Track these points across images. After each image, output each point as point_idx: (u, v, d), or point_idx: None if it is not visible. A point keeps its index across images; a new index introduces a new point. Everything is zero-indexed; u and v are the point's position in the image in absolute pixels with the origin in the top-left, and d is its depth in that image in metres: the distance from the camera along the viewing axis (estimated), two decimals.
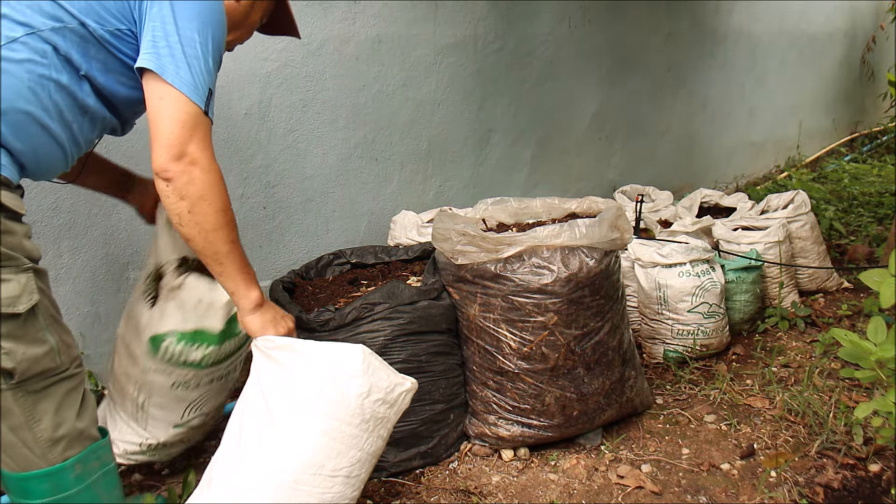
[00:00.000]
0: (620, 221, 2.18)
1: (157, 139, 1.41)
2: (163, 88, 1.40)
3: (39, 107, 1.36)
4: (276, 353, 1.61)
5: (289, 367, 1.59)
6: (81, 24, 1.39)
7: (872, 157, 6.47)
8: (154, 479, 2.15)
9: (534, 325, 2.11)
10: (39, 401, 1.37)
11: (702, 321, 2.74)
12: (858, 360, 1.69)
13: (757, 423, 2.36)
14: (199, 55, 1.43)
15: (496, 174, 3.52)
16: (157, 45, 1.40)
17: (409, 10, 2.97)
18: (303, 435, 1.54)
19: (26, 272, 1.33)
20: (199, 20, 1.43)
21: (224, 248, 1.52)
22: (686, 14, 4.57)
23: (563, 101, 3.80)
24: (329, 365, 1.58)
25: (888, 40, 7.13)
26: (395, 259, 2.52)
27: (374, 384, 1.58)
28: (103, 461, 1.50)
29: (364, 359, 1.58)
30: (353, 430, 1.57)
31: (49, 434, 1.39)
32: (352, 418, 1.56)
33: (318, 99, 2.73)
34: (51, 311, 1.41)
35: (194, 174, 1.43)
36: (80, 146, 1.50)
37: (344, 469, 1.57)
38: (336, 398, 1.55)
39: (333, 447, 1.55)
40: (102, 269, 2.27)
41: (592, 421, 2.22)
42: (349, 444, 1.57)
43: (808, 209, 3.41)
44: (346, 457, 1.57)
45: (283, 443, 1.54)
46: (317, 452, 1.54)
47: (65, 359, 1.40)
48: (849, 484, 2.00)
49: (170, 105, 1.40)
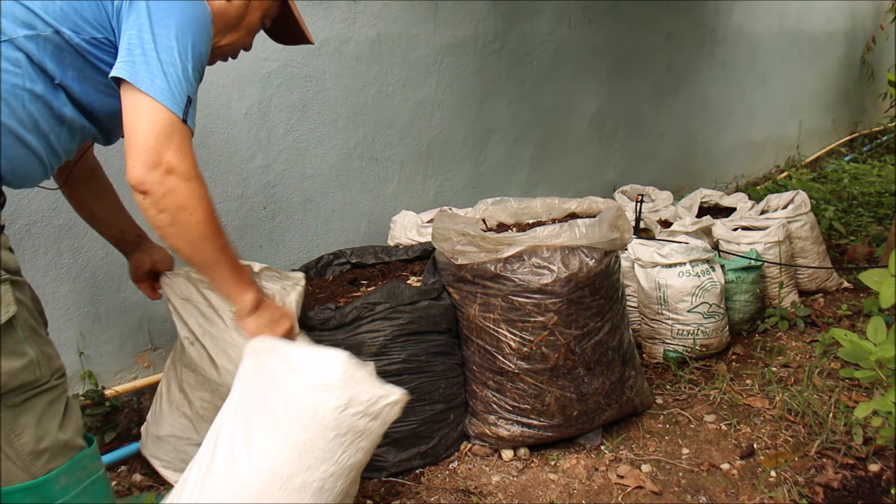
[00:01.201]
0: (620, 221, 2.18)
1: (130, 149, 1.34)
2: (137, 97, 1.34)
3: (13, 118, 1.32)
4: (265, 355, 1.57)
5: (272, 372, 1.54)
6: (56, 32, 1.34)
7: (872, 157, 6.47)
8: (154, 479, 2.15)
9: (534, 325, 2.11)
10: (20, 414, 1.34)
11: (702, 321, 2.74)
12: (858, 360, 1.69)
13: (757, 423, 2.37)
14: (177, 62, 1.37)
15: (496, 174, 3.52)
16: (132, 54, 1.35)
17: (409, 10, 2.97)
18: (274, 444, 1.49)
19: (3, 284, 1.30)
20: (176, 27, 1.38)
21: (212, 257, 1.47)
22: (686, 14, 4.57)
23: (563, 101, 3.80)
24: (309, 374, 1.51)
25: (888, 40, 7.13)
26: (395, 259, 2.52)
27: (353, 397, 1.51)
28: (90, 470, 1.46)
29: (345, 370, 1.50)
30: (325, 444, 1.50)
31: (31, 447, 1.35)
32: (325, 432, 1.50)
33: (318, 99, 2.73)
34: (30, 323, 1.36)
35: (171, 184, 1.35)
36: (58, 156, 1.46)
37: (314, 483, 1.51)
38: (311, 410, 1.49)
39: (304, 461, 1.49)
40: (102, 269, 2.27)
41: (592, 421, 2.22)
42: (321, 458, 1.51)
43: (807, 209, 3.41)
44: (317, 471, 1.51)
45: (254, 450, 1.49)
46: (286, 464, 1.49)
47: (45, 371, 1.36)
48: (848, 484, 2.00)
49: (144, 114, 1.34)
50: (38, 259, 2.13)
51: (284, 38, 1.80)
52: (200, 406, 1.98)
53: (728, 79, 5.09)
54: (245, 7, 1.58)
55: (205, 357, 1.95)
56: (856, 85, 6.93)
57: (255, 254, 2.63)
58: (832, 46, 6.37)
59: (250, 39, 1.67)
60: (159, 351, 2.44)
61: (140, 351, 2.41)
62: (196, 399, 1.99)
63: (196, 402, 1.99)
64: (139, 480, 2.14)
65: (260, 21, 1.65)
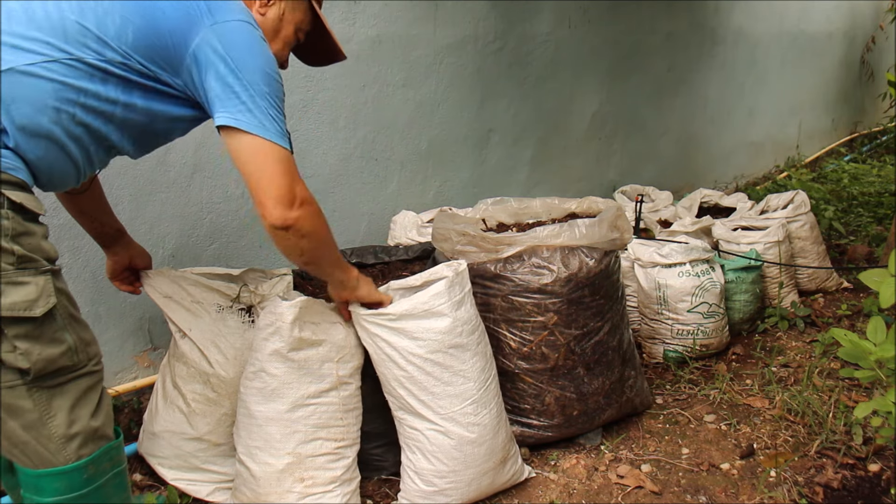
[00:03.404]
0: (620, 221, 2.18)
1: (266, 195, 1.44)
2: (256, 143, 1.43)
3: (60, 127, 1.36)
4: (400, 322, 1.82)
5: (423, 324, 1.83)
6: (124, 62, 1.39)
7: (872, 157, 6.47)
8: (154, 479, 2.15)
9: (534, 325, 2.11)
10: (54, 396, 1.37)
11: (701, 321, 2.74)
12: (858, 359, 1.69)
13: (757, 423, 2.37)
14: (270, 102, 1.45)
15: (496, 174, 3.53)
16: (233, 102, 1.42)
17: (409, 10, 2.97)
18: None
19: (44, 274, 1.33)
20: (260, 68, 1.45)
21: (333, 256, 1.69)
22: (686, 14, 4.57)
23: (563, 101, 3.81)
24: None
25: (888, 40, 7.13)
26: (395, 259, 2.52)
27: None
28: (115, 462, 1.50)
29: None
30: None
31: (63, 430, 1.38)
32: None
33: (318, 99, 2.73)
34: (69, 310, 1.40)
35: (307, 212, 1.49)
36: (93, 167, 1.51)
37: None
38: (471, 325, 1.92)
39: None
40: (102, 269, 2.26)
41: (592, 421, 2.22)
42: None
43: (807, 209, 3.41)
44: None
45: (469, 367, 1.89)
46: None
47: (82, 357, 1.40)
48: (848, 483, 2.00)
49: (267, 158, 1.44)
50: None
51: (317, 59, 1.84)
52: (192, 399, 1.99)
53: (728, 79, 5.10)
54: (279, 20, 1.63)
55: (195, 349, 1.96)
56: (855, 85, 6.94)
57: (255, 254, 2.63)
58: (832, 46, 6.38)
59: (287, 53, 1.71)
60: (159, 351, 2.44)
61: (140, 351, 2.41)
62: (188, 392, 2.00)
63: (188, 394, 2.00)
64: (139, 480, 2.14)
65: (294, 34, 1.69)
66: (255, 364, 1.82)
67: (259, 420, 1.82)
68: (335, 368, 1.84)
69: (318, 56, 1.83)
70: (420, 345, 1.82)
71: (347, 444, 1.89)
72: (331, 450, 1.85)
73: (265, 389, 1.80)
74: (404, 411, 1.90)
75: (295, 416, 1.81)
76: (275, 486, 1.81)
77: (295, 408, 1.81)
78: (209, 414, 1.99)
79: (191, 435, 2.01)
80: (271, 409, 1.81)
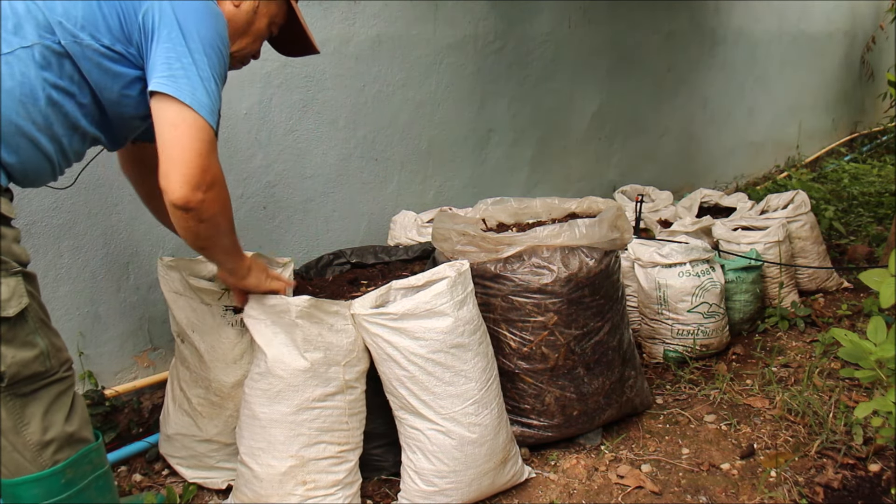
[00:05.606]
0: (620, 221, 2.18)
1: (175, 169, 1.37)
2: (182, 112, 1.37)
3: (29, 120, 1.34)
4: (402, 322, 1.82)
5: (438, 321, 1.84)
6: (75, 40, 1.36)
7: (872, 157, 6.47)
8: (154, 479, 2.15)
9: (534, 324, 2.11)
10: (27, 404, 1.36)
11: (702, 321, 2.74)
12: (858, 359, 1.69)
13: (757, 423, 2.37)
14: (211, 76, 1.40)
15: (496, 174, 3.52)
16: (171, 68, 1.37)
17: (409, 10, 2.97)
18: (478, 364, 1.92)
19: (15, 276, 1.32)
20: (207, 40, 1.40)
21: (228, 241, 1.60)
22: (686, 14, 4.57)
23: (563, 101, 3.81)
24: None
25: (888, 40, 7.13)
26: (395, 259, 2.52)
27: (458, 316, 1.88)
28: (96, 465, 1.48)
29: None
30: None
31: (38, 437, 1.37)
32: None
33: (318, 99, 2.73)
34: (40, 315, 1.39)
35: (213, 195, 1.43)
36: (68, 159, 1.48)
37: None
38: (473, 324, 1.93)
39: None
40: (102, 269, 2.27)
41: (592, 421, 2.22)
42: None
43: (807, 209, 3.41)
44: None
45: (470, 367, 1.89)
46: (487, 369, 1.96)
47: (54, 362, 1.39)
48: (849, 484, 2.00)
49: (189, 130, 1.37)
50: (38, 259, 2.12)
51: (290, 49, 1.82)
52: (197, 403, 2.01)
53: (728, 79, 5.10)
54: (253, 13, 1.61)
55: (194, 352, 1.97)
56: (855, 85, 6.93)
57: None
58: (832, 46, 6.37)
59: (258, 46, 1.69)
60: (159, 351, 2.44)
61: (140, 351, 2.41)
62: (193, 396, 2.02)
63: (193, 398, 2.01)
64: (139, 480, 2.15)
65: (267, 27, 1.67)
66: (261, 366, 1.82)
67: (263, 421, 1.81)
68: (342, 372, 1.84)
69: (292, 47, 1.81)
70: (422, 344, 1.81)
71: (351, 447, 1.89)
72: (334, 453, 1.85)
73: (270, 391, 1.80)
74: (405, 411, 1.90)
75: (299, 418, 1.80)
76: (277, 489, 1.81)
77: (300, 410, 1.80)
78: (215, 416, 2.00)
79: (201, 437, 2.02)
80: (276, 411, 1.80)
